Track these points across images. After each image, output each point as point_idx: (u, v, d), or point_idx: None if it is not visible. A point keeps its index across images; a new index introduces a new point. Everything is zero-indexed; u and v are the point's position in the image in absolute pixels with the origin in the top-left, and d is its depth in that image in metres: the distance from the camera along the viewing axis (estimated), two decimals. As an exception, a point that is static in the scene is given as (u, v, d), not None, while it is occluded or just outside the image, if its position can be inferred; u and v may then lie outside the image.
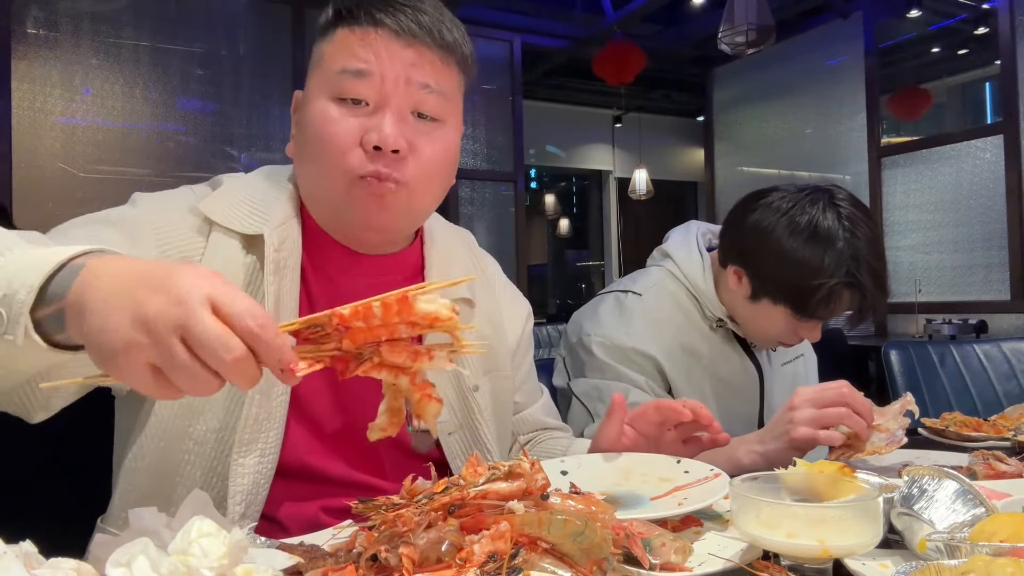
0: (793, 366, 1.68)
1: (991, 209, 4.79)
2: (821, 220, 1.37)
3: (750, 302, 1.47)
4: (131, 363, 0.59)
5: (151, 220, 0.98)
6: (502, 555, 0.57)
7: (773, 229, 1.40)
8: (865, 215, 1.41)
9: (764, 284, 1.44)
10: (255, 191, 1.05)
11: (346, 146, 0.97)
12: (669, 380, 1.48)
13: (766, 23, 4.36)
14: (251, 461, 0.93)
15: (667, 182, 8.41)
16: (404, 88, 0.98)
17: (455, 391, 1.11)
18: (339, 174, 0.98)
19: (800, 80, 6.08)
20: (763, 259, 1.42)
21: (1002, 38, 4.70)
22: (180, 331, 0.58)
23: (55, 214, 4.26)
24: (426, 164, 1.01)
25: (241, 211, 1.01)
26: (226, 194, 1.03)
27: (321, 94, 1.00)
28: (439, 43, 1.01)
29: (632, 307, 1.53)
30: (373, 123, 0.97)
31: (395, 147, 0.96)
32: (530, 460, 0.68)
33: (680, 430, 1.11)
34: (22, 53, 4.13)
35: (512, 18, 5.94)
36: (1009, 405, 1.52)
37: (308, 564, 0.65)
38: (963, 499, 0.76)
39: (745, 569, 0.69)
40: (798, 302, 1.40)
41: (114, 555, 0.54)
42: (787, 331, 1.46)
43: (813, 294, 1.36)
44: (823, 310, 1.39)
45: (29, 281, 0.64)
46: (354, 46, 0.98)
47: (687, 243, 1.60)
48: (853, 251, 1.35)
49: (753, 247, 1.44)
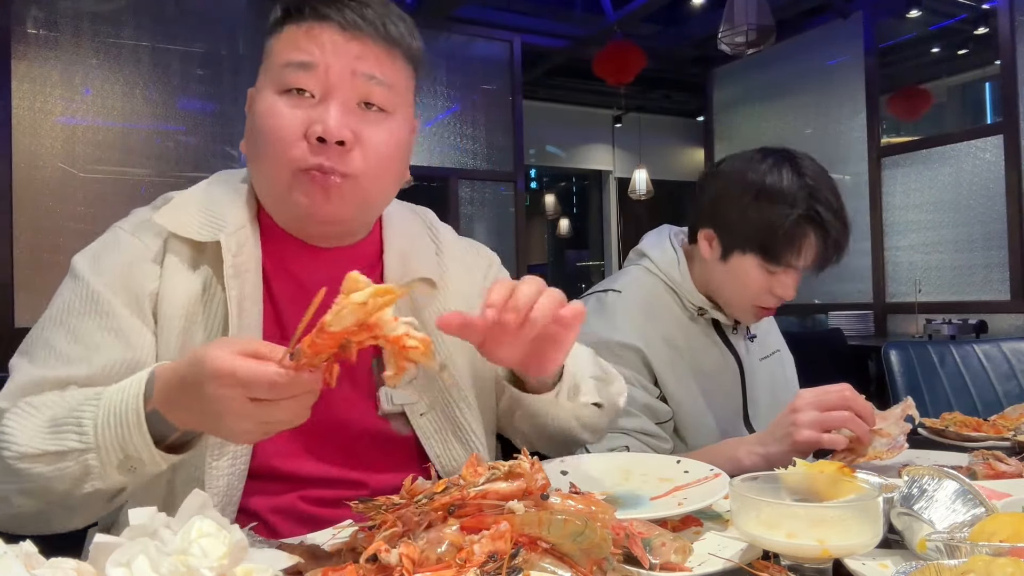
0: (771, 361, 1.70)
1: (991, 209, 4.79)
2: (778, 169, 1.45)
3: (722, 263, 1.50)
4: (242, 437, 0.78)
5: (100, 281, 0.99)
6: (502, 555, 0.57)
7: (733, 183, 1.48)
8: (820, 168, 1.47)
9: (731, 236, 1.47)
10: (210, 197, 1.06)
11: (290, 138, 0.97)
12: (655, 371, 1.49)
13: (766, 23, 4.36)
14: (224, 464, 0.95)
15: (667, 182, 8.41)
16: (350, 79, 0.98)
17: (423, 373, 1.09)
18: (283, 166, 0.98)
19: (800, 80, 6.08)
20: (728, 213, 1.47)
21: (1002, 38, 4.70)
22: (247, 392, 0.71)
23: (55, 214, 4.28)
24: (373, 155, 1.00)
25: (196, 220, 1.02)
26: (179, 205, 1.05)
27: (267, 88, 1.00)
28: (384, 36, 1.01)
29: (613, 304, 1.56)
30: (317, 114, 0.97)
31: (339, 138, 0.96)
32: (530, 460, 0.68)
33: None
34: (22, 53, 4.13)
35: (512, 18, 5.94)
36: (1009, 405, 1.52)
37: (308, 564, 0.65)
38: (963, 499, 0.76)
39: (745, 569, 0.69)
40: (765, 247, 1.42)
41: (114, 555, 0.54)
42: (762, 288, 1.47)
43: (777, 233, 1.40)
44: (790, 251, 1.41)
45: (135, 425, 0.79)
46: (299, 40, 0.99)
47: (660, 242, 1.65)
48: (810, 190, 1.41)
49: (717, 205, 1.50)
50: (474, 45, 5.86)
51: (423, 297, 1.13)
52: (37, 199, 4.13)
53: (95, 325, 0.96)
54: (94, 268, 1.00)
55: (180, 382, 0.77)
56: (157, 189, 4.60)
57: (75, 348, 0.94)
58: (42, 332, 0.98)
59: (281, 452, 1.01)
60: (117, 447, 0.80)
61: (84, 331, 0.96)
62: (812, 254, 1.43)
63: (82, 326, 0.96)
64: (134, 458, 0.80)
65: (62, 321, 0.97)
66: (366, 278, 0.69)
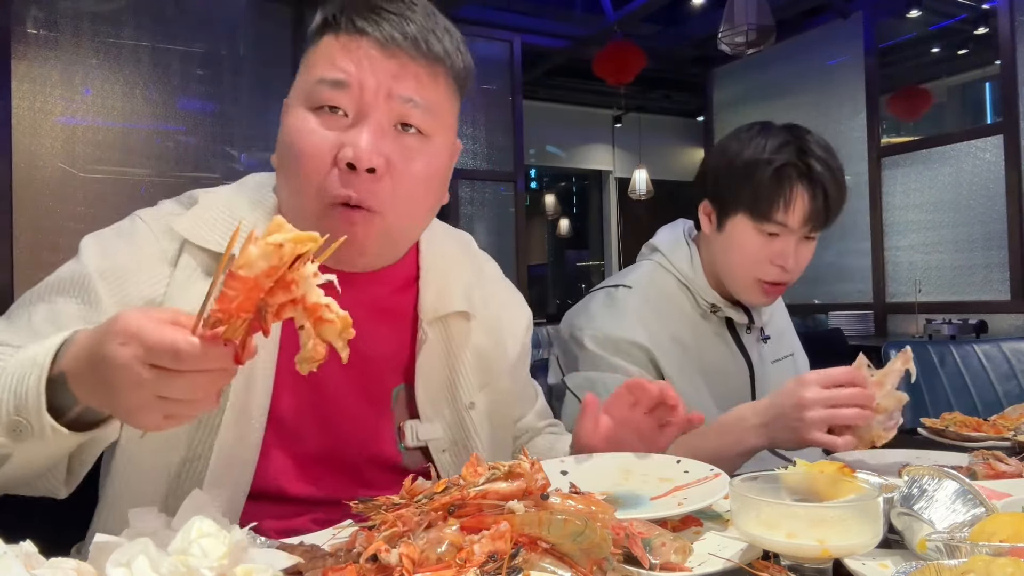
0: (783, 365, 1.68)
1: (991, 209, 4.79)
2: (767, 127, 1.48)
3: (719, 234, 1.48)
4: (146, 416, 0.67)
5: (97, 269, 0.95)
6: (502, 555, 0.57)
7: (724, 147, 1.50)
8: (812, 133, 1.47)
9: (723, 200, 1.46)
10: (233, 207, 1.01)
11: (320, 166, 0.93)
12: (662, 370, 1.48)
13: (766, 23, 4.36)
14: (224, 492, 0.93)
15: (667, 182, 8.41)
16: (385, 101, 0.93)
17: (450, 409, 1.08)
18: (311, 196, 0.94)
19: (800, 80, 6.08)
20: (717, 173, 1.48)
21: (1002, 38, 4.70)
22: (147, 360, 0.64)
23: (55, 214, 4.27)
24: (405, 186, 0.95)
25: (217, 229, 0.97)
26: (202, 211, 0.99)
27: (299, 103, 0.96)
28: (425, 54, 0.95)
29: (623, 300, 1.54)
30: (349, 137, 0.92)
31: (370, 165, 0.91)
32: (530, 460, 0.68)
33: (656, 415, 1.07)
34: (22, 53, 4.13)
35: (512, 18, 5.94)
36: (1009, 405, 1.52)
37: (308, 564, 0.65)
38: (963, 499, 0.76)
39: (745, 569, 0.69)
40: (752, 200, 1.41)
41: (114, 555, 0.54)
42: (759, 255, 1.44)
43: (761, 182, 1.39)
44: (777, 202, 1.39)
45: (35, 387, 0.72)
46: (335, 55, 0.94)
47: (674, 236, 1.63)
48: (798, 142, 1.41)
49: (711, 171, 1.51)
50: (474, 45, 5.81)
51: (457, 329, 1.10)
52: (37, 199, 4.13)
53: (75, 312, 0.93)
54: (98, 253, 0.96)
55: (88, 344, 0.70)
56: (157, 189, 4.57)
57: (47, 327, 0.90)
58: (30, 299, 0.95)
59: (290, 474, 0.98)
60: (11, 403, 0.73)
61: (63, 314, 0.92)
62: (802, 208, 1.40)
63: (63, 309, 0.93)
64: (23, 422, 0.72)
65: (48, 296, 0.94)
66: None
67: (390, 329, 1.08)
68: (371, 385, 1.05)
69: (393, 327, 1.08)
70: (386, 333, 1.07)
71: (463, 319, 1.11)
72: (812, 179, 1.38)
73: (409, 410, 1.08)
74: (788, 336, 1.73)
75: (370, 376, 1.05)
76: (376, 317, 1.05)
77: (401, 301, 1.09)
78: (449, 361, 1.09)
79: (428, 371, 1.07)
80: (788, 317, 1.79)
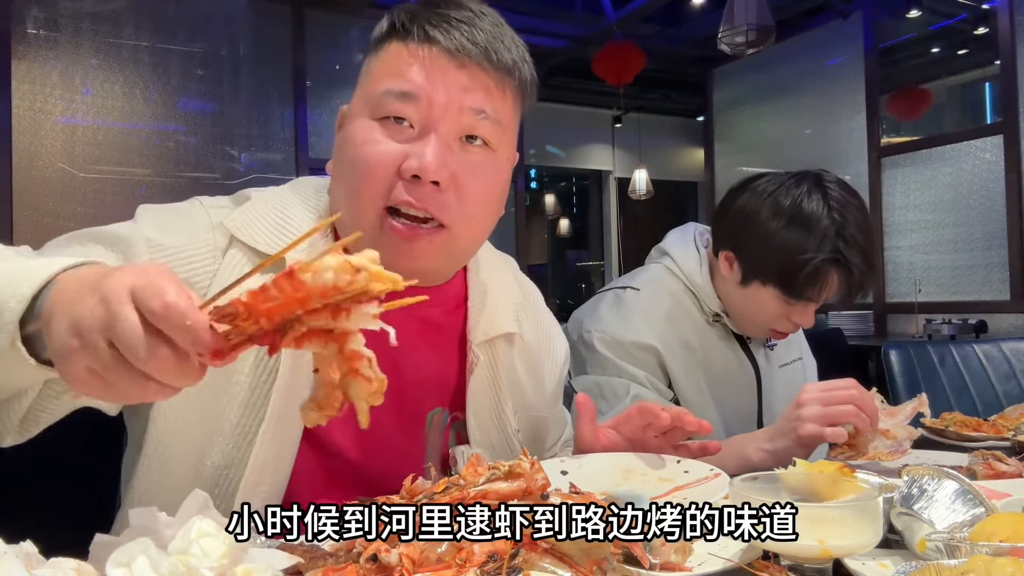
0: (792, 369, 1.68)
1: (991, 209, 4.79)
2: (806, 201, 1.39)
3: (741, 287, 1.47)
4: (71, 369, 0.57)
5: (148, 239, 0.91)
6: (502, 555, 0.57)
7: (759, 211, 1.43)
8: (852, 195, 1.42)
9: (753, 267, 1.44)
10: (284, 208, 0.98)
11: (383, 176, 0.90)
12: (669, 374, 1.48)
13: (766, 23, 4.36)
14: (257, 501, 0.90)
15: (667, 182, 8.41)
16: (455, 114, 0.91)
17: (498, 434, 1.07)
18: (369, 204, 0.90)
19: (800, 80, 6.08)
20: (750, 241, 1.44)
21: (1002, 38, 4.70)
22: (105, 332, 0.55)
23: (55, 214, 4.27)
24: (470, 201, 0.93)
25: (267, 230, 0.94)
26: (252, 209, 0.96)
27: (363, 113, 0.93)
28: (495, 64, 0.93)
29: (631, 302, 1.54)
30: (415, 149, 0.90)
31: (435, 178, 0.89)
32: (530, 460, 0.68)
33: (668, 437, 1.07)
34: (22, 53, 4.13)
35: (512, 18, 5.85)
36: (1009, 405, 1.52)
37: (308, 564, 0.65)
38: (963, 499, 0.76)
39: (745, 569, 0.69)
40: (786, 282, 1.40)
41: (114, 555, 0.54)
42: (779, 316, 1.45)
43: (799, 272, 1.37)
44: (811, 290, 1.39)
45: (20, 292, 0.63)
46: (402, 65, 0.91)
47: (684, 240, 1.62)
48: (838, 228, 1.36)
49: (740, 230, 1.46)
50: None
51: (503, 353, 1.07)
52: (37, 199, 4.13)
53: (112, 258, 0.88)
54: (155, 224, 0.92)
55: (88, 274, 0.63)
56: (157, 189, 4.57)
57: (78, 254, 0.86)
58: (66, 240, 0.90)
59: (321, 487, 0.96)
60: None
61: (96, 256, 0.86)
62: (833, 292, 1.40)
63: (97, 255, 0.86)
64: None
65: (86, 241, 0.90)
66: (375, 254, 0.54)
67: (434, 351, 1.05)
68: (407, 407, 1.02)
69: (438, 349, 1.05)
70: (429, 355, 1.04)
71: (507, 343, 1.08)
72: (849, 270, 1.37)
73: (445, 435, 1.05)
74: (796, 340, 1.73)
75: (407, 398, 1.01)
76: (422, 338, 1.02)
77: (448, 322, 1.07)
78: (495, 385, 1.07)
79: (479, 395, 1.05)
80: None
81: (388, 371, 0.92)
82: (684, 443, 1.09)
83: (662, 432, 1.06)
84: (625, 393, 1.42)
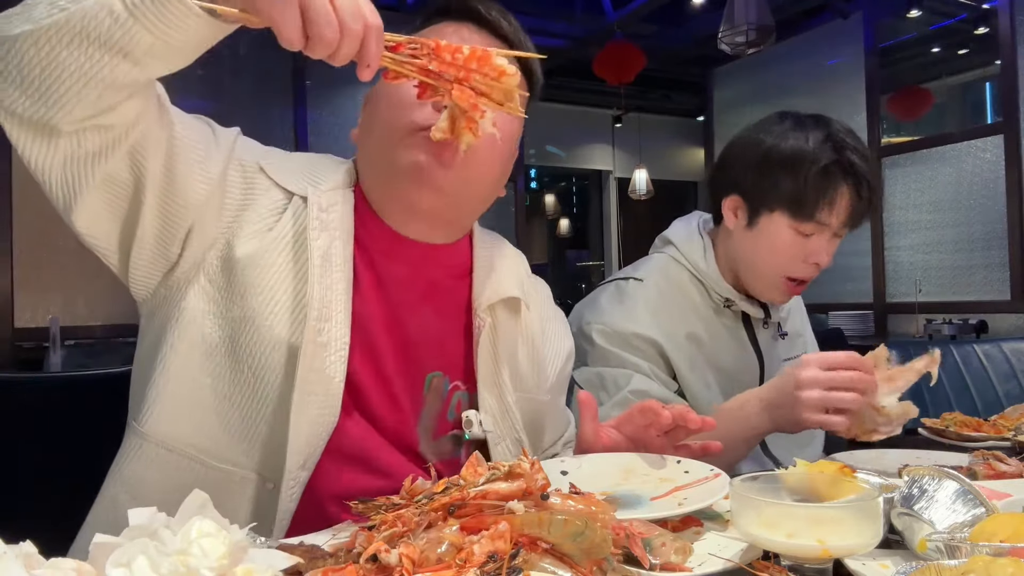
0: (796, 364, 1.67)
1: (991, 209, 4.79)
2: (804, 119, 1.42)
3: (749, 230, 1.43)
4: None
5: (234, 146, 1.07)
6: (502, 555, 0.57)
7: (757, 139, 1.44)
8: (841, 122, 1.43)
9: (757, 197, 1.42)
10: (312, 159, 1.10)
11: (412, 102, 0.97)
12: (672, 365, 1.45)
13: (766, 23, 4.36)
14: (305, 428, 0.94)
15: (667, 182, 8.41)
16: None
17: (498, 403, 1.10)
18: (398, 125, 1.00)
19: (800, 80, 6.07)
20: (752, 168, 1.42)
21: (1002, 38, 4.70)
22: None
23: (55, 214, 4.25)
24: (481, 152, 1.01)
25: (294, 173, 1.05)
26: (282, 156, 1.09)
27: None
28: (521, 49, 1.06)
29: (634, 293, 1.51)
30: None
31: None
32: (530, 460, 0.68)
33: (670, 436, 1.07)
34: (22, 53, 4.13)
35: (512, 18, 5.92)
36: (1009, 405, 1.52)
37: (308, 564, 0.65)
38: (963, 499, 0.76)
39: (745, 569, 0.69)
40: (794, 200, 1.36)
41: (114, 555, 0.54)
42: (794, 254, 1.40)
43: (805, 183, 1.34)
44: (822, 203, 1.34)
45: None
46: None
47: (687, 229, 1.59)
48: (836, 138, 1.36)
49: (741, 163, 1.46)
50: (474, 45, 5.84)
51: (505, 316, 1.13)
52: (37, 199, 4.12)
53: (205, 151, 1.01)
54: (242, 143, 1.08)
55: None
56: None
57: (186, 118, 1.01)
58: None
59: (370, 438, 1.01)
60: None
61: (199, 132, 1.03)
62: (845, 207, 1.36)
63: (202, 134, 1.03)
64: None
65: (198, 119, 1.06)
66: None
67: (437, 315, 1.10)
68: (411, 365, 1.07)
69: (442, 313, 1.10)
70: (432, 317, 1.09)
71: (508, 311, 1.13)
72: (857, 178, 1.34)
73: (446, 402, 1.09)
74: (805, 337, 1.70)
75: (409, 356, 1.06)
76: (427, 299, 1.08)
77: (454, 288, 1.12)
78: (495, 352, 1.11)
79: (484, 360, 1.10)
80: (806, 319, 1.75)
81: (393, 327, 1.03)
82: (685, 443, 1.08)
83: (664, 431, 1.06)
84: (627, 383, 1.40)
